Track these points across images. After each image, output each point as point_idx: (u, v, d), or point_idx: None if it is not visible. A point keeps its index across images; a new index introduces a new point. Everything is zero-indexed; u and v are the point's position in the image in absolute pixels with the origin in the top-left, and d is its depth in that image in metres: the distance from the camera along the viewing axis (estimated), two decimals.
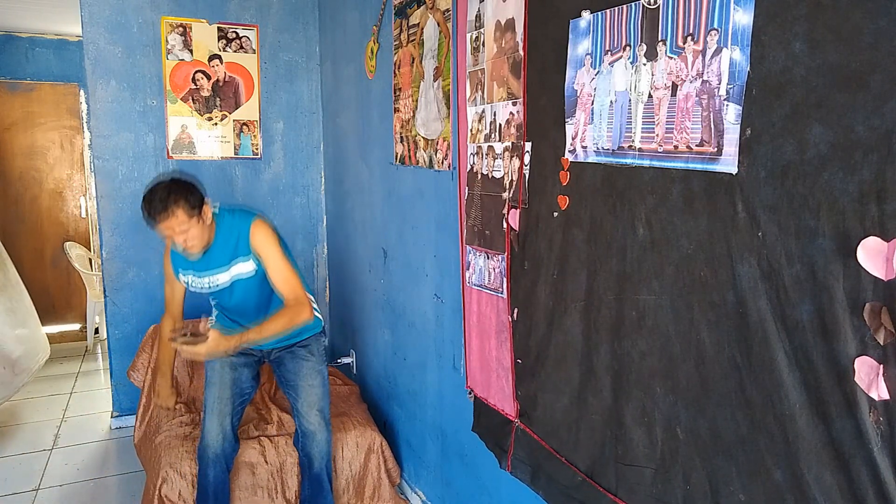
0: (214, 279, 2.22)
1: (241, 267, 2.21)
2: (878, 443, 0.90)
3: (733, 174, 1.08)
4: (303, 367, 2.40)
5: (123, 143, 3.44)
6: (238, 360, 2.36)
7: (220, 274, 2.21)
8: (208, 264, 2.20)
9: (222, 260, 2.20)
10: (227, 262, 2.20)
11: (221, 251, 2.19)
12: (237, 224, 2.22)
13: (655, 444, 1.30)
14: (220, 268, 2.21)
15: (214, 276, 2.22)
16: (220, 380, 2.33)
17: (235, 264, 2.20)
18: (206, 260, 2.19)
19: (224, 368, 2.33)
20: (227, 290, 2.25)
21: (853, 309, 0.91)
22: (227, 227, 2.20)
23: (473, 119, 1.95)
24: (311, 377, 2.40)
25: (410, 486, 2.80)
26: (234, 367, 2.36)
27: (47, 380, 4.34)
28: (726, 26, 1.08)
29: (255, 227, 2.20)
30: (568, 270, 1.54)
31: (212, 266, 2.20)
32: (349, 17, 3.18)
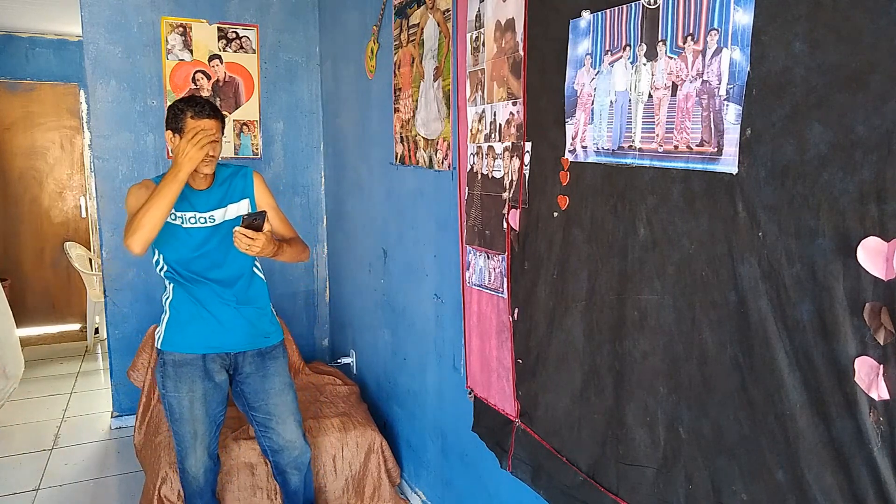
0: (213, 215, 2.18)
1: (237, 208, 2.22)
2: (878, 443, 0.90)
3: (733, 174, 1.08)
4: (274, 384, 2.28)
5: (123, 143, 3.44)
6: (207, 386, 2.19)
7: (218, 210, 2.19)
8: (208, 200, 2.18)
9: (220, 197, 2.20)
10: (224, 200, 2.20)
11: (220, 190, 2.21)
12: (239, 169, 2.28)
13: (658, 443, 1.30)
14: (218, 205, 2.20)
15: (213, 212, 2.19)
16: (192, 416, 2.18)
17: (233, 203, 2.21)
18: (207, 196, 2.18)
19: (193, 404, 2.18)
20: (218, 234, 2.17)
21: (853, 309, 0.91)
22: (227, 171, 2.25)
23: (473, 119, 1.95)
24: (283, 393, 2.30)
25: (410, 486, 2.80)
26: (203, 400, 2.20)
27: (47, 380, 4.34)
28: (726, 26, 1.08)
29: (256, 173, 2.30)
30: (568, 270, 1.54)
31: (212, 203, 2.19)
32: (349, 17, 3.18)
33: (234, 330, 2.22)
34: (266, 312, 2.32)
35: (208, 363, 2.21)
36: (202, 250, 2.16)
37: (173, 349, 2.18)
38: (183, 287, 2.19)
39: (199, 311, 2.20)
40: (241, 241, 1.92)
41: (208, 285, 2.18)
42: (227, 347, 2.23)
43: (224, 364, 2.25)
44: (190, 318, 2.19)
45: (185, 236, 2.14)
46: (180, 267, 2.17)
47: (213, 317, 2.19)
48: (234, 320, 2.21)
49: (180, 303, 2.20)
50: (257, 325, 2.27)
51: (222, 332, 2.20)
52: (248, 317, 2.24)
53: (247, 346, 2.26)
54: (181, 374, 2.17)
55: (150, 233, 1.95)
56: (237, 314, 2.22)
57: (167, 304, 2.23)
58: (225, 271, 2.19)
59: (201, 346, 2.19)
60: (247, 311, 2.24)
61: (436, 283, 2.39)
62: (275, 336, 2.34)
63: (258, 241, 1.94)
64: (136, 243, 1.94)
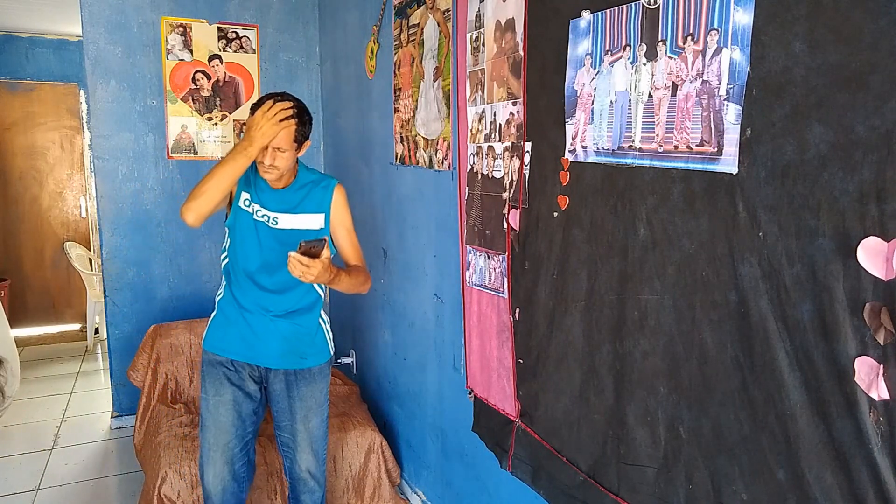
0: (277, 217, 2.03)
1: (308, 219, 2.06)
2: (878, 443, 0.90)
3: (734, 174, 1.08)
4: (300, 409, 2.11)
5: (123, 143, 3.44)
6: (236, 393, 2.05)
7: (286, 215, 2.04)
8: (281, 201, 2.04)
9: (293, 203, 2.05)
10: (297, 207, 2.05)
11: (296, 195, 2.05)
12: (323, 178, 2.12)
13: (658, 443, 1.30)
14: (289, 210, 2.04)
15: (280, 214, 2.04)
16: (215, 422, 2.03)
17: (305, 214, 2.05)
18: (281, 196, 2.04)
19: (219, 409, 2.03)
20: (279, 239, 2.02)
21: (853, 309, 0.91)
22: (310, 177, 2.09)
23: (473, 119, 1.95)
24: (308, 420, 2.12)
25: (410, 486, 2.80)
26: (230, 406, 2.04)
27: (47, 380, 4.34)
28: (726, 26, 1.08)
29: (340, 187, 2.11)
30: (569, 270, 1.54)
31: (283, 205, 2.04)
32: (349, 17, 3.18)
33: (265, 343, 2.06)
34: (309, 331, 2.12)
35: (239, 370, 2.08)
36: (261, 249, 2.03)
37: (209, 348, 2.10)
38: (232, 286, 2.09)
39: (237, 315, 2.08)
40: (296, 268, 1.76)
41: (254, 290, 2.05)
42: (256, 360, 2.09)
43: (254, 375, 2.11)
44: (230, 321, 2.09)
45: (250, 227, 2.03)
46: (237, 262, 2.05)
47: (248, 325, 2.06)
48: (266, 333, 2.06)
49: (226, 303, 2.11)
50: (293, 344, 2.09)
51: (254, 343, 2.07)
52: (283, 333, 2.07)
53: (277, 364, 2.09)
54: (212, 375, 2.06)
55: (206, 203, 1.85)
56: (272, 327, 2.06)
57: (217, 300, 2.15)
58: (277, 279, 2.04)
59: (233, 351, 2.07)
60: (283, 326, 2.06)
61: (436, 283, 2.39)
62: (314, 359, 2.13)
63: (314, 268, 1.77)
64: (189, 212, 1.84)
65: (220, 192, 1.86)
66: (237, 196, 2.03)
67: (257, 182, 2.03)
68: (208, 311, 3.66)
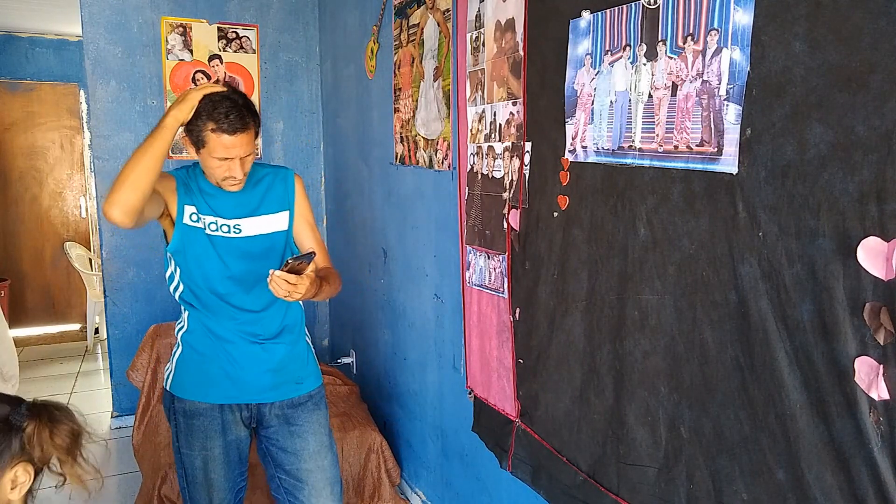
0: (239, 224, 1.75)
1: (273, 220, 1.79)
2: (878, 443, 0.90)
3: (733, 174, 1.08)
4: (307, 444, 1.82)
5: (123, 143, 3.44)
6: (225, 445, 1.78)
7: (248, 220, 1.76)
8: (238, 204, 1.75)
9: (253, 204, 1.78)
10: (258, 208, 1.78)
11: (254, 194, 1.78)
12: (277, 170, 1.85)
13: (659, 443, 1.30)
14: (250, 213, 1.77)
15: (242, 220, 1.75)
16: (207, 481, 1.77)
17: (268, 214, 1.79)
18: (237, 199, 1.75)
19: (208, 465, 1.76)
20: (247, 250, 1.75)
21: (853, 309, 0.91)
22: (262, 170, 1.82)
23: (473, 119, 1.95)
24: (319, 455, 1.83)
25: (410, 486, 2.80)
26: (221, 461, 1.77)
27: (47, 380, 4.35)
28: (726, 26, 1.08)
29: (298, 177, 1.86)
30: (569, 270, 1.54)
31: (242, 208, 1.76)
32: (349, 17, 3.18)
33: (255, 375, 1.78)
34: (300, 350, 1.87)
35: (226, 415, 1.78)
36: (227, 267, 1.73)
37: (184, 395, 1.77)
38: (200, 316, 1.77)
39: (216, 349, 1.76)
40: (281, 287, 1.50)
41: (231, 315, 1.75)
42: (248, 398, 1.79)
43: (245, 417, 1.81)
44: (205, 358, 1.77)
45: (206, 246, 1.71)
46: (199, 288, 1.74)
47: (232, 359, 1.76)
48: (257, 364, 1.78)
49: (195, 337, 1.78)
50: (287, 369, 1.83)
51: (242, 379, 1.77)
52: (276, 358, 1.80)
53: (273, 397, 1.81)
54: (193, 429, 1.76)
55: (134, 192, 1.51)
56: (263, 355, 1.78)
57: (180, 335, 1.82)
58: (254, 298, 1.76)
59: (218, 394, 1.77)
60: (276, 350, 1.80)
61: (436, 283, 2.39)
62: (310, 381, 1.87)
63: (301, 285, 1.52)
64: (114, 206, 1.50)
65: (148, 175, 1.53)
66: (179, 212, 1.70)
67: (201, 188, 1.72)
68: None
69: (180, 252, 1.72)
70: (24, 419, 1.00)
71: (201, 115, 1.58)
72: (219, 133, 1.58)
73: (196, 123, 1.59)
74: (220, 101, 1.59)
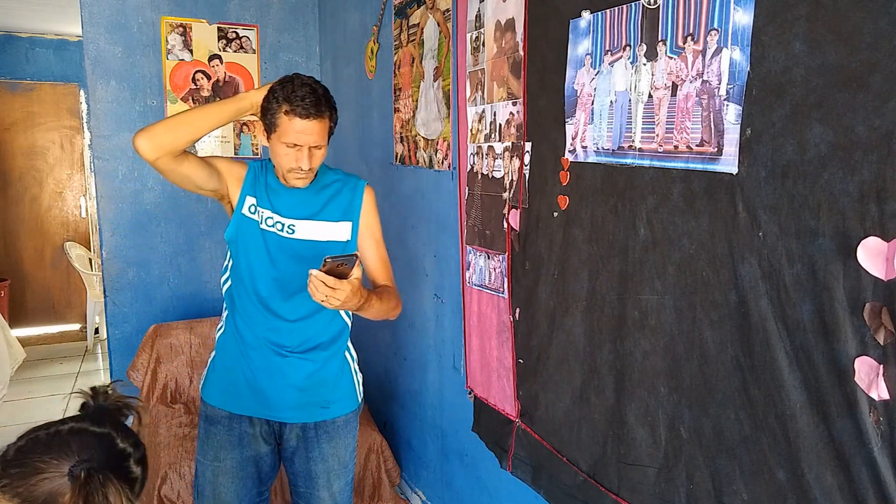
0: (294, 225, 1.65)
1: (332, 228, 1.67)
2: (878, 443, 0.90)
3: (733, 174, 1.08)
4: (320, 470, 1.72)
5: (123, 143, 3.44)
6: (239, 458, 1.67)
7: (305, 222, 1.65)
8: (299, 205, 1.66)
9: (314, 207, 1.67)
10: (319, 213, 1.67)
11: (318, 198, 1.68)
12: (349, 178, 1.74)
13: (659, 443, 1.30)
14: (309, 216, 1.66)
15: (298, 221, 1.65)
16: (214, 495, 1.67)
17: (328, 221, 1.67)
18: (299, 199, 1.66)
19: (218, 478, 1.66)
20: (294, 254, 1.65)
21: (853, 309, 0.91)
22: (334, 176, 1.72)
23: (473, 119, 1.95)
24: (330, 485, 1.73)
25: (410, 486, 2.80)
26: (232, 475, 1.67)
27: (47, 380, 4.34)
28: (726, 26, 1.08)
29: (370, 189, 1.74)
30: (569, 270, 1.54)
31: (302, 209, 1.66)
32: (349, 17, 3.18)
33: (278, 391, 1.66)
34: (332, 370, 1.73)
35: (244, 427, 1.68)
36: (274, 267, 1.64)
37: (208, 399, 1.71)
38: (236, 318, 1.69)
39: (241, 356, 1.67)
40: (318, 290, 1.39)
41: (264, 321, 1.65)
42: (268, 413, 1.68)
43: (266, 432, 1.70)
44: (231, 364, 1.68)
45: (258, 240, 1.64)
46: (243, 284, 1.66)
47: (255, 368, 1.66)
48: (278, 378, 1.66)
49: (227, 340, 1.71)
50: (314, 390, 1.69)
51: (264, 392, 1.66)
52: (300, 375, 1.67)
53: (294, 418, 1.69)
54: (210, 435, 1.68)
55: (168, 134, 1.48)
56: (285, 370, 1.66)
57: (218, 336, 1.75)
58: (293, 306, 1.65)
59: (238, 404, 1.67)
60: (301, 367, 1.67)
61: (436, 283, 2.39)
62: (339, 406, 1.73)
63: (340, 291, 1.40)
64: (142, 133, 1.46)
65: (188, 128, 1.52)
66: (240, 201, 1.65)
67: (267, 182, 1.66)
68: (208, 311, 3.64)
69: (234, 242, 1.67)
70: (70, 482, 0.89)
71: (277, 97, 1.53)
72: (291, 116, 1.51)
73: (270, 104, 1.54)
74: (300, 85, 1.53)
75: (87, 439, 0.93)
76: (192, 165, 1.57)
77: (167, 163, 1.51)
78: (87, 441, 0.93)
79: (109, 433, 0.96)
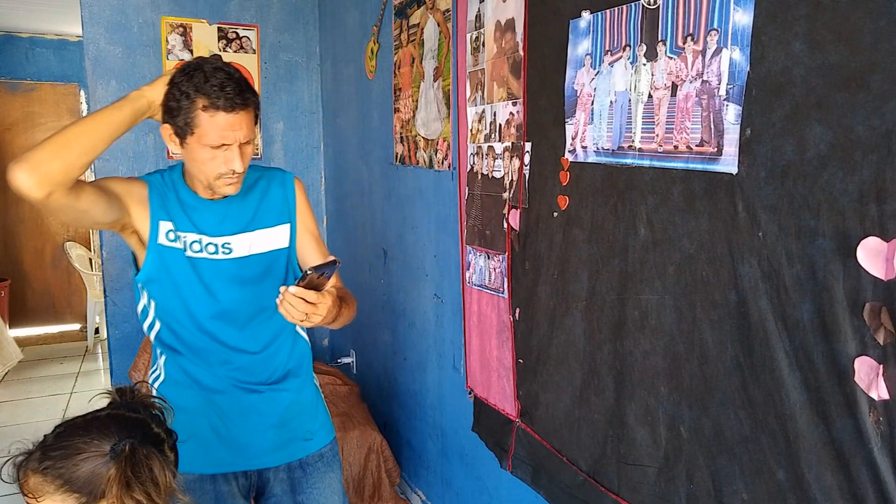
0: (230, 242, 1.39)
1: (271, 236, 1.43)
2: (878, 443, 0.90)
3: (733, 174, 1.08)
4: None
5: (123, 143, 3.44)
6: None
7: (240, 236, 1.40)
8: (227, 217, 1.40)
9: (246, 216, 1.42)
10: (252, 221, 1.42)
11: (246, 203, 1.42)
12: (271, 172, 1.50)
13: (659, 443, 1.30)
14: (243, 228, 1.41)
15: (233, 237, 1.39)
16: None
17: (265, 229, 1.44)
18: (225, 210, 1.39)
19: None
20: (236, 277, 1.40)
21: (853, 309, 0.92)
22: (256, 174, 1.46)
23: (473, 119, 1.95)
24: None
25: (410, 486, 2.80)
26: None
27: (47, 380, 4.34)
28: (726, 26, 1.08)
29: (298, 181, 1.52)
30: (569, 270, 1.54)
31: (233, 222, 1.40)
32: (349, 17, 3.18)
33: (255, 435, 1.44)
34: (308, 396, 1.53)
35: (220, 487, 1.41)
36: (214, 298, 1.38)
37: None
38: (182, 361, 1.41)
39: (202, 403, 1.41)
40: (296, 308, 1.18)
41: (223, 359, 1.41)
42: (246, 463, 1.44)
43: (244, 486, 1.46)
44: (189, 416, 1.34)
45: (187, 271, 1.37)
46: (181, 325, 1.39)
47: (224, 415, 1.42)
48: (256, 419, 1.43)
49: (176, 389, 1.39)
50: (294, 422, 1.49)
51: (238, 440, 1.43)
52: (279, 410, 1.46)
53: (277, 460, 1.46)
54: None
55: (47, 154, 1.13)
56: (263, 407, 1.44)
57: (156, 387, 1.43)
58: (251, 335, 1.42)
59: (208, 462, 1.40)
60: (280, 399, 1.46)
61: (436, 283, 2.39)
62: (322, 435, 1.54)
63: (321, 305, 1.21)
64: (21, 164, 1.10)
65: (79, 146, 1.18)
66: (153, 228, 1.35)
67: (180, 198, 1.38)
68: None
69: (154, 281, 1.37)
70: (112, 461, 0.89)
71: (187, 91, 1.24)
72: (212, 111, 1.23)
73: (179, 101, 1.24)
74: (212, 72, 1.24)
75: (124, 422, 0.95)
76: (90, 196, 1.24)
77: (61, 198, 1.15)
78: (125, 423, 0.94)
79: (144, 419, 0.98)
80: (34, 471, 0.89)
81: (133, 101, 1.27)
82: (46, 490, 0.88)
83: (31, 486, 0.89)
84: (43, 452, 0.90)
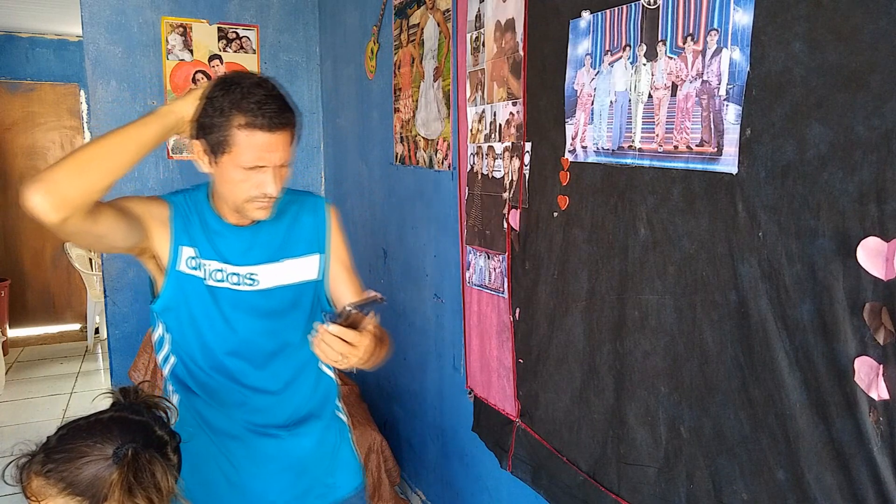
0: (255, 273, 1.28)
1: (300, 267, 1.33)
2: (877, 443, 0.90)
3: (733, 174, 1.08)
4: None
5: None
6: None
7: (266, 266, 1.30)
8: (254, 246, 1.29)
9: (274, 244, 1.32)
10: (280, 250, 1.32)
11: (275, 231, 1.32)
12: (304, 197, 1.39)
13: (659, 443, 1.30)
14: (270, 258, 1.31)
15: (259, 267, 1.29)
16: None
17: (293, 258, 1.33)
18: (251, 238, 1.29)
19: None
20: (259, 310, 1.30)
21: (853, 309, 0.92)
22: (286, 200, 1.31)
23: (473, 119, 1.95)
24: None
25: (410, 486, 2.80)
26: None
27: (47, 380, 4.34)
28: (726, 26, 1.08)
29: (332, 209, 1.40)
30: (569, 270, 1.54)
31: (260, 251, 1.30)
32: (349, 17, 3.18)
33: (270, 483, 1.32)
34: (331, 439, 1.41)
35: None
36: (233, 331, 1.28)
37: None
38: (194, 403, 1.31)
39: (212, 449, 1.30)
40: (333, 348, 1.09)
41: (239, 400, 1.30)
42: None
43: None
44: (199, 462, 1.21)
45: (206, 302, 1.27)
46: (195, 362, 1.29)
47: (236, 461, 1.31)
48: (273, 465, 1.32)
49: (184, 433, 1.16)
50: (315, 469, 1.37)
51: (251, 489, 1.31)
52: (298, 455, 1.34)
53: None
54: None
55: (66, 174, 1.06)
56: (279, 454, 1.33)
57: None
58: (271, 374, 1.31)
59: None
60: (299, 445, 1.34)
61: (436, 283, 2.39)
62: (346, 481, 1.41)
63: (360, 346, 1.10)
64: (36, 185, 1.05)
65: (103, 166, 1.08)
66: (173, 254, 1.25)
67: (206, 222, 1.28)
68: None
69: (171, 310, 1.28)
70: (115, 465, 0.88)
71: (223, 107, 1.13)
72: (251, 130, 1.13)
73: (213, 118, 1.14)
74: (251, 87, 1.14)
75: (127, 425, 0.94)
76: (108, 220, 1.14)
77: (78, 223, 1.06)
78: (128, 426, 0.94)
79: (147, 421, 0.97)
80: (37, 473, 0.89)
81: (162, 118, 1.17)
82: (49, 493, 0.88)
83: (34, 489, 0.89)
84: (46, 455, 0.91)
